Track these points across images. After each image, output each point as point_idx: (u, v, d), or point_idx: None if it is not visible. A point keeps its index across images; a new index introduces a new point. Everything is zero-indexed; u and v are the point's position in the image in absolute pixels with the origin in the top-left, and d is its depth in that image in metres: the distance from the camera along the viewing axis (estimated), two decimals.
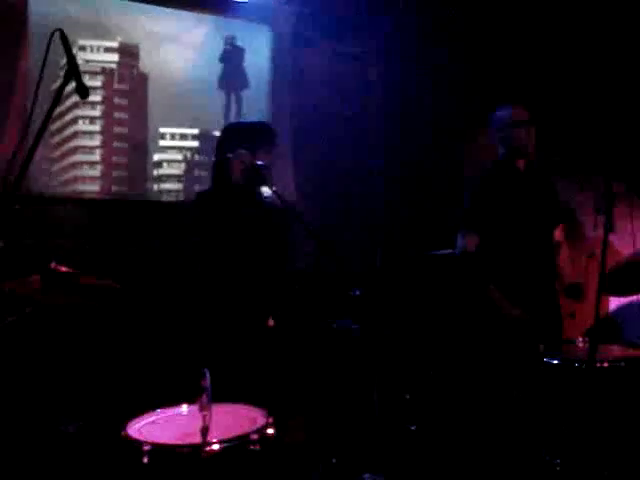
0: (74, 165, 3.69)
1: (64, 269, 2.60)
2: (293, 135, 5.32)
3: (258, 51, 5.15)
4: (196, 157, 3.96)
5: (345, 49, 5.47)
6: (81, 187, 3.84)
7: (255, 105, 5.07)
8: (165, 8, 4.65)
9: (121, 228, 4.38)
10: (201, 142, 4.02)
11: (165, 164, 3.86)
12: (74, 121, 3.52)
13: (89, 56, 3.47)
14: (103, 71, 3.54)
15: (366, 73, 5.68)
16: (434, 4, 5.24)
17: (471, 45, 5.23)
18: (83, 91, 2.48)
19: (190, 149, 3.93)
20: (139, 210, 4.48)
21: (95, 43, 3.44)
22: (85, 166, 3.65)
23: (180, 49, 4.26)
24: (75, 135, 3.61)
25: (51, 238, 4.01)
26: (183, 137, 3.88)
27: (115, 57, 3.58)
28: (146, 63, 3.78)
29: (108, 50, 3.50)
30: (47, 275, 2.55)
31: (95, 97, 3.44)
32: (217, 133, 3.39)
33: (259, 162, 3.26)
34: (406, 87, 5.48)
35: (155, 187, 3.96)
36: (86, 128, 3.50)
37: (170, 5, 4.69)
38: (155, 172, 3.93)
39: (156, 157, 3.87)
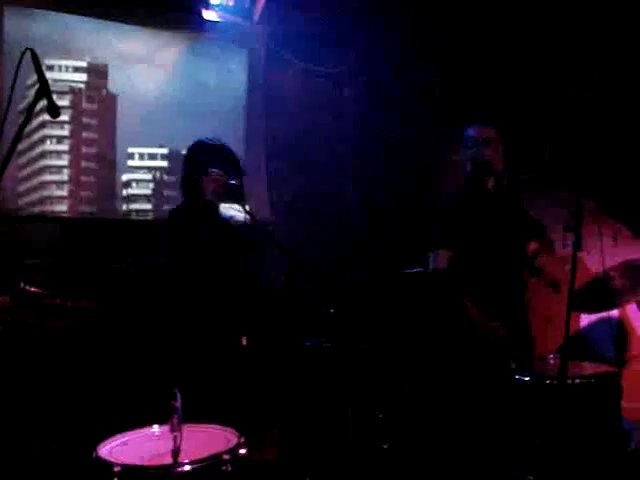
0: (42, 184, 3.62)
1: (33, 289, 2.58)
2: (267, 153, 5.33)
3: (232, 70, 5.16)
4: (165, 177, 3.92)
5: (319, 68, 5.50)
6: (49, 207, 3.77)
7: (230, 124, 5.08)
8: (137, 26, 4.68)
9: (91, 247, 4.36)
10: (170, 162, 3.98)
11: (134, 184, 3.79)
12: (42, 141, 3.47)
13: (56, 75, 3.43)
14: (71, 91, 3.51)
15: (340, 92, 5.72)
16: (408, 23, 5.30)
17: (444, 64, 5.28)
18: (54, 110, 2.48)
19: (159, 169, 3.89)
20: (108, 229, 4.45)
21: (63, 62, 3.39)
22: (53, 185, 3.57)
23: (151, 69, 4.25)
24: (43, 155, 3.55)
25: (21, 258, 3.97)
26: (152, 157, 3.83)
27: (84, 77, 3.54)
28: (116, 83, 3.72)
29: (77, 70, 3.47)
30: (16, 295, 2.53)
31: (63, 117, 3.40)
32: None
33: (232, 181, 3.26)
34: (380, 105, 5.52)
35: (124, 207, 3.91)
36: (54, 148, 3.44)
37: (143, 24, 4.70)
38: (124, 192, 3.85)
39: (125, 177, 3.80)
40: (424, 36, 5.28)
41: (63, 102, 3.38)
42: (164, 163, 3.85)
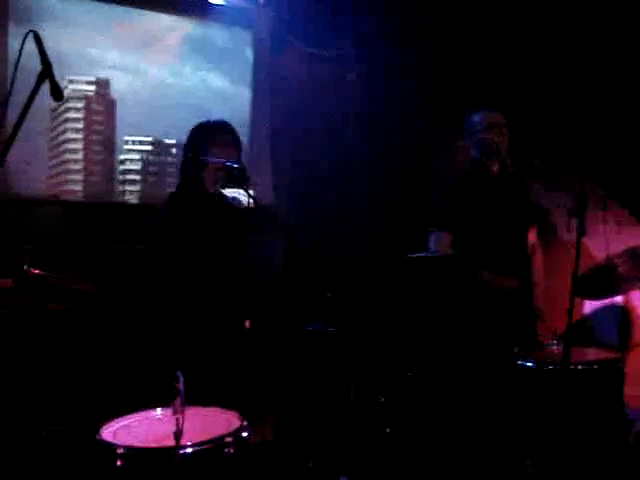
0: (63, 162, 4.46)
1: (37, 271, 2.58)
2: (272, 137, 5.32)
3: (237, 54, 5.15)
4: (150, 157, 4.83)
5: (324, 52, 5.47)
6: (59, 188, 4.49)
7: (234, 108, 5.06)
8: (142, 10, 4.73)
9: (93, 230, 4.39)
10: (154, 147, 4.86)
11: (128, 162, 4.77)
12: (63, 132, 4.47)
13: (76, 86, 4.47)
14: (85, 97, 4.53)
15: (345, 75, 5.69)
16: (413, 8, 5.27)
17: (450, 48, 5.26)
18: (57, 92, 2.46)
19: (146, 152, 4.83)
20: (108, 212, 4.63)
21: (79, 78, 4.48)
22: (72, 162, 4.47)
23: (153, 55, 4.83)
24: (64, 141, 4.48)
25: (24, 241, 3.98)
26: (141, 143, 4.81)
27: (93, 87, 4.56)
28: (115, 89, 4.69)
29: (88, 83, 4.53)
30: (20, 278, 2.53)
31: (79, 114, 4.50)
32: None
33: (235, 164, 3.24)
34: (385, 89, 5.49)
35: (120, 177, 4.74)
36: (72, 136, 4.49)
37: (147, 7, 4.71)
38: (121, 167, 4.73)
39: (121, 157, 4.74)
40: (432, 19, 5.26)
41: (79, 104, 4.47)
42: (149, 147, 4.81)
